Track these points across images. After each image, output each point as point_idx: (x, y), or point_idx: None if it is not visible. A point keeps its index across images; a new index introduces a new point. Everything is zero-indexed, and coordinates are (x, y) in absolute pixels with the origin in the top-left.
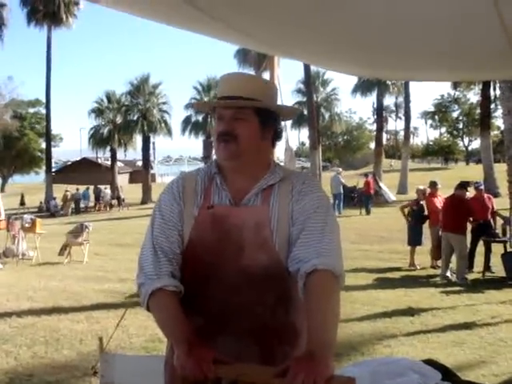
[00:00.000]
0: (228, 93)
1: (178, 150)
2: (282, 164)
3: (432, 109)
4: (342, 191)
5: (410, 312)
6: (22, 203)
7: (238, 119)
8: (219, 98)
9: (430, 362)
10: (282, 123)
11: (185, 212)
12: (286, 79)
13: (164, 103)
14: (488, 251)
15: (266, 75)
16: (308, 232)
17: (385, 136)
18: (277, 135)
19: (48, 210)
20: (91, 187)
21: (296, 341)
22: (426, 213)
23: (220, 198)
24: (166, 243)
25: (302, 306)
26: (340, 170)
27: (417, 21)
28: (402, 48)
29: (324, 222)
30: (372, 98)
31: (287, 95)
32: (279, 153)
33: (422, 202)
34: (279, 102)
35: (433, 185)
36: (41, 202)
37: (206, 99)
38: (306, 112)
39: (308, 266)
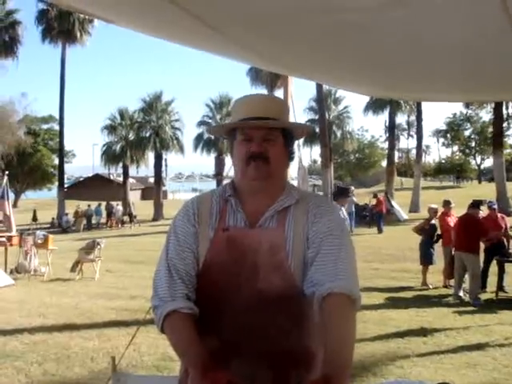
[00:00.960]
0: (257, 114)
1: (190, 167)
2: (295, 182)
3: (444, 127)
4: (353, 210)
5: (423, 332)
6: (35, 219)
7: (269, 140)
8: (245, 118)
9: None
10: (296, 142)
11: (200, 234)
12: (298, 97)
13: (176, 120)
14: (501, 271)
15: (280, 93)
16: (324, 255)
17: (397, 154)
18: (291, 155)
19: (60, 226)
20: (103, 203)
21: (311, 364)
22: (438, 232)
23: (235, 220)
24: (181, 265)
25: (317, 329)
26: (352, 188)
27: (431, 43)
28: (415, 70)
29: (340, 245)
30: (384, 116)
31: (299, 113)
32: (292, 171)
33: (434, 221)
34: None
35: (446, 204)
36: (53, 218)
37: (218, 116)
38: (318, 130)
39: (324, 290)
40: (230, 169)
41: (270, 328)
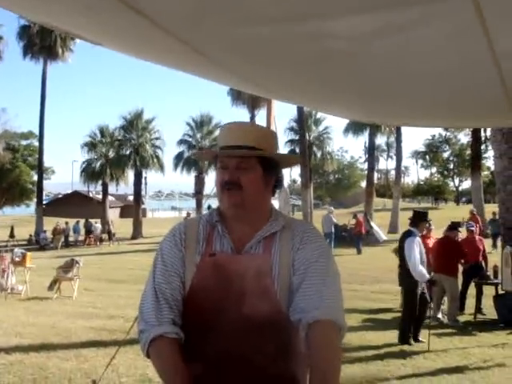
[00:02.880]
0: (232, 142)
1: (170, 185)
2: (276, 204)
3: (423, 149)
4: (333, 230)
5: (402, 354)
6: (12, 235)
7: (243, 169)
8: (222, 147)
9: None
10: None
11: (186, 259)
12: (279, 117)
13: (157, 138)
14: (479, 293)
15: (262, 113)
16: (309, 282)
17: (376, 175)
18: (277, 183)
19: (37, 243)
20: (82, 221)
21: None
22: None
23: (222, 246)
24: (168, 289)
25: (303, 355)
26: (332, 209)
27: (414, 72)
28: (398, 97)
29: (325, 272)
30: (364, 137)
31: (280, 133)
32: None
33: None
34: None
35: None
36: (30, 235)
37: (198, 135)
38: (298, 150)
39: (309, 317)
40: (213, 189)
41: (255, 354)
